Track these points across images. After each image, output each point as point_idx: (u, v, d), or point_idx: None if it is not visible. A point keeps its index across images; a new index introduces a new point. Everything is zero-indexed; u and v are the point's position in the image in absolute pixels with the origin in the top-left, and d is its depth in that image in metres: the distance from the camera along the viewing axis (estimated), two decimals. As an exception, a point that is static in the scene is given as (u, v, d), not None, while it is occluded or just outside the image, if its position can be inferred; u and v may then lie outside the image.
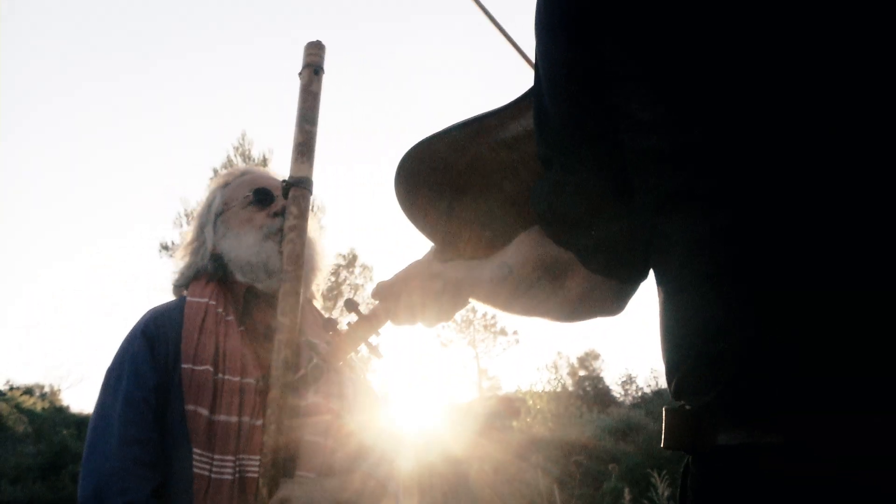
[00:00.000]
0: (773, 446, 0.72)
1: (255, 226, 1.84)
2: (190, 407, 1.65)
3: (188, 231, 1.97)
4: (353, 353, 1.49)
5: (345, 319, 1.50)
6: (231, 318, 1.79)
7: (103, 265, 47.58)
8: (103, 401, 1.71)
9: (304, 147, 1.76)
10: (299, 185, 1.75)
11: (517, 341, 34.82)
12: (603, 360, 36.50)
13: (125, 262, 47.76)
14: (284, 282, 1.70)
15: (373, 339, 1.47)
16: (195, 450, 1.62)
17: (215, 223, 1.89)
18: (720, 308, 0.77)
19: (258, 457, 1.63)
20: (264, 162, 25.10)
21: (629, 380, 27.97)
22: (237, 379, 1.70)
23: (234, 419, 1.66)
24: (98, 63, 45.51)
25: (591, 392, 25.65)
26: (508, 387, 32.72)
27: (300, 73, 1.82)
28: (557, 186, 0.94)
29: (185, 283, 1.89)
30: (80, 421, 21.55)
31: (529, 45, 1.00)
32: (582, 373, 32.36)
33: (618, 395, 26.83)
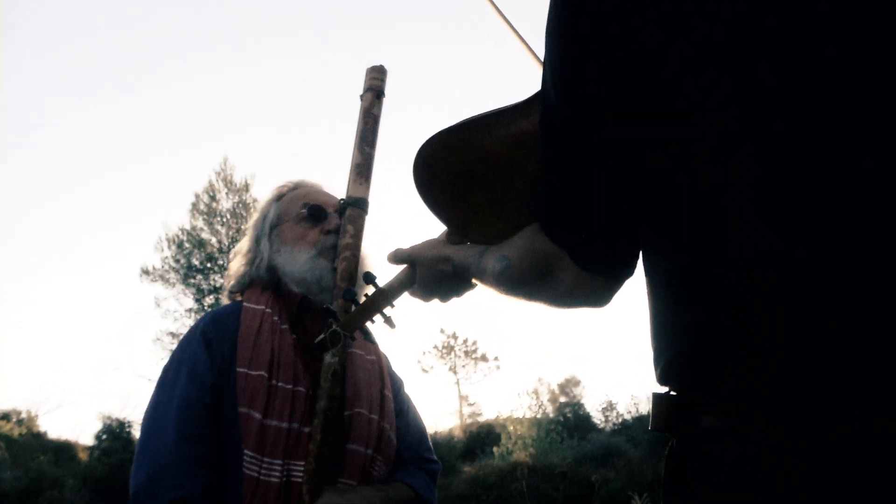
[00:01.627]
0: (749, 429, 0.80)
1: (308, 242, 1.91)
2: (243, 410, 1.71)
3: (244, 241, 2.04)
4: (369, 322, 1.57)
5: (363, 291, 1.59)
6: (286, 326, 1.85)
7: (83, 290, 47.00)
8: (159, 397, 1.77)
9: (363, 168, 1.84)
10: (356, 206, 1.83)
11: (498, 367, 34.82)
12: (584, 387, 36.62)
13: (105, 287, 47.24)
14: (337, 297, 1.77)
15: (387, 310, 1.55)
16: (246, 451, 1.68)
17: (270, 236, 1.96)
18: (698, 305, 0.86)
19: (303, 462, 1.69)
20: (246, 187, 25.09)
21: (610, 406, 28.03)
22: (290, 387, 1.76)
23: (284, 425, 1.72)
24: (77, 86, 45.34)
25: (571, 418, 25.65)
26: (489, 413, 32.67)
27: (361, 96, 1.89)
28: (554, 188, 1.03)
29: (240, 289, 1.96)
30: (57, 447, 21.25)
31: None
32: (563, 399, 32.44)
33: (598, 422, 26.85)
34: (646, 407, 23.57)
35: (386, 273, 1.82)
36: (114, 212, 44.18)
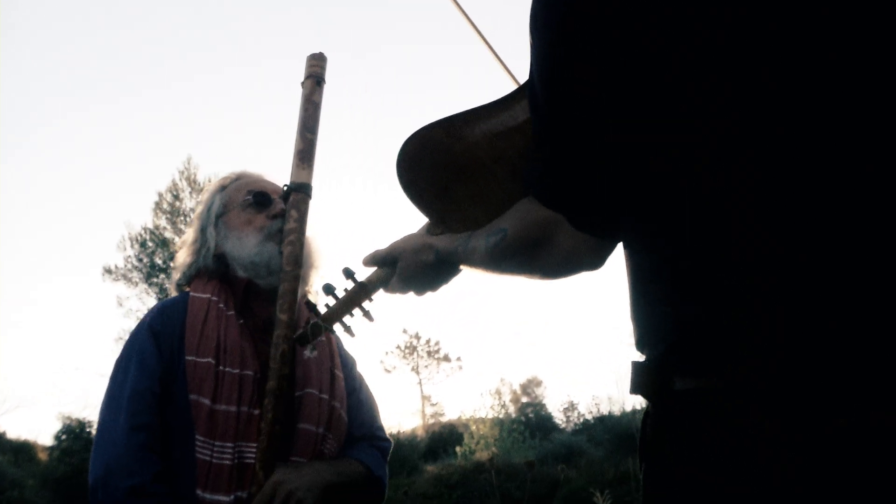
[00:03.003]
0: (716, 389, 0.86)
1: (255, 227, 1.95)
2: (193, 396, 1.75)
3: (189, 232, 2.06)
4: (348, 316, 1.65)
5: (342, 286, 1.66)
6: (232, 312, 1.89)
7: (42, 290, 46.30)
8: (111, 390, 1.81)
9: (305, 154, 1.88)
10: (299, 190, 1.87)
11: (460, 367, 34.98)
12: (545, 387, 36.84)
13: (66, 286, 46.58)
14: (283, 281, 1.81)
15: (366, 304, 1.63)
16: (198, 436, 1.72)
17: (216, 224, 2.00)
18: (668, 282, 0.93)
19: (255, 444, 1.73)
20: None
21: (571, 406, 28.24)
22: (237, 371, 1.80)
23: (233, 409, 1.76)
24: (39, 91, 44.66)
25: (533, 418, 25.82)
26: (452, 413, 32.75)
27: (302, 83, 1.94)
28: (548, 162, 1.09)
29: (187, 280, 1.99)
30: (16, 448, 20.86)
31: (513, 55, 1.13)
32: (524, 399, 32.59)
33: (560, 422, 27.05)
34: (606, 407, 23.83)
35: (332, 256, 1.88)
36: (74, 212, 43.63)
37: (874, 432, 0.77)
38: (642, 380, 0.98)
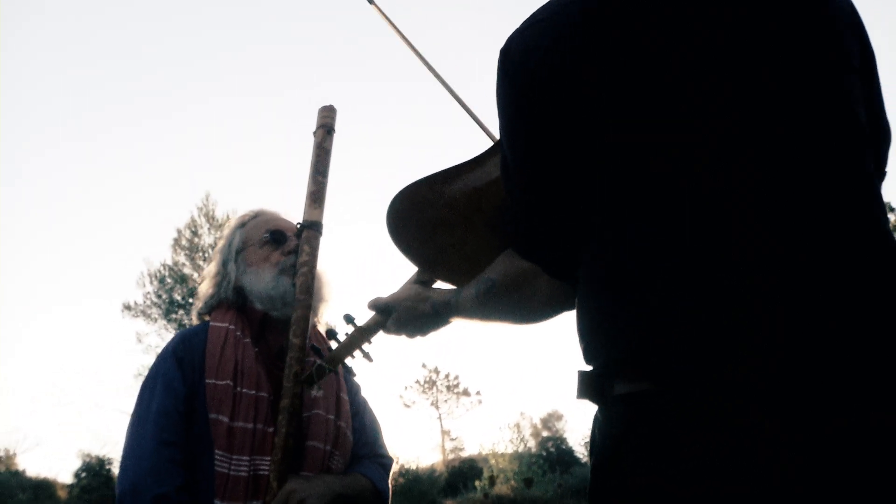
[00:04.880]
0: (650, 391, 0.92)
1: (271, 263, 2.14)
2: (213, 415, 1.92)
3: (211, 265, 2.25)
4: (350, 357, 1.84)
5: (343, 330, 1.86)
6: (248, 340, 2.07)
7: (63, 327, 46.79)
8: (138, 411, 1.98)
9: (317, 195, 2.09)
10: (311, 228, 2.07)
11: (480, 402, 34.83)
12: (566, 421, 36.64)
13: (85, 323, 47.04)
14: (296, 308, 2.00)
15: (366, 346, 1.82)
16: (217, 451, 1.89)
17: (236, 260, 2.19)
18: (605, 300, 1.01)
19: (269, 457, 1.91)
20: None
21: (592, 440, 27.88)
22: (253, 392, 1.98)
23: (249, 426, 1.93)
24: (62, 128, 45.55)
25: (554, 452, 25.66)
26: (471, 448, 32.61)
27: (314, 132, 2.14)
28: (518, 217, 1.21)
29: (208, 310, 2.18)
30: (36, 485, 21.00)
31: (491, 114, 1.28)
32: (545, 433, 32.42)
33: (581, 456, 26.82)
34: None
35: (341, 290, 2.09)
36: (95, 249, 44.27)
37: (874, 432, 0.80)
38: (587, 386, 1.03)
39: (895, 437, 0.80)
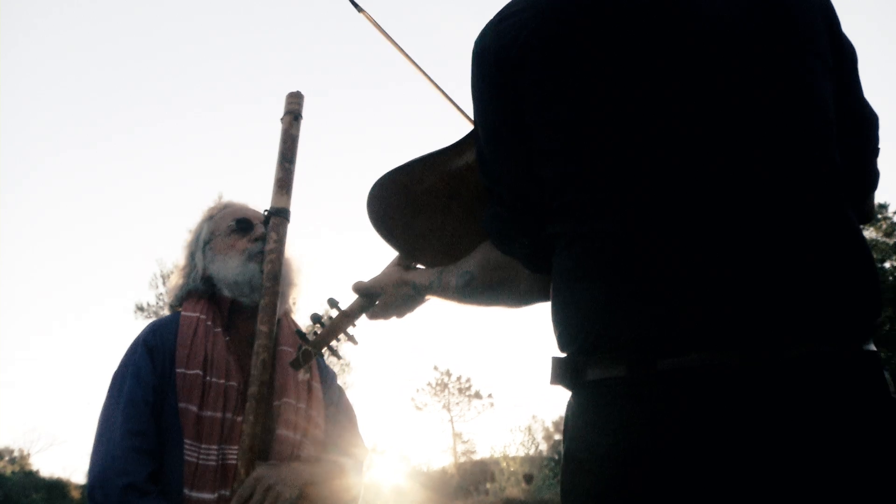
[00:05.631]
0: (622, 377, 0.98)
1: (238, 250, 2.14)
2: (182, 404, 1.92)
3: (180, 259, 2.26)
4: (334, 341, 1.82)
5: (327, 314, 1.84)
6: (219, 329, 2.07)
7: (76, 328, 47.18)
8: (108, 401, 1.98)
9: (284, 182, 2.08)
10: (278, 215, 2.06)
11: (492, 404, 34.74)
12: (578, 424, 36.29)
13: (99, 324, 47.42)
14: (263, 296, 1.99)
15: (350, 329, 1.80)
16: (186, 440, 1.89)
17: (204, 250, 2.19)
18: (574, 291, 1.07)
19: (237, 447, 1.90)
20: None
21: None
22: (222, 381, 1.97)
23: (218, 415, 1.93)
24: (74, 131, 46.00)
25: (565, 455, 25.52)
26: (483, 450, 32.57)
27: (282, 119, 2.14)
28: (495, 213, 1.25)
29: (178, 302, 2.18)
30: (50, 485, 21.18)
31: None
32: (557, 436, 32.32)
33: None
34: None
35: (310, 276, 2.08)
36: (108, 251, 44.64)
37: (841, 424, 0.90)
38: (560, 372, 1.09)
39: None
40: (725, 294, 0.94)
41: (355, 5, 2.13)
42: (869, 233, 19.31)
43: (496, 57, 1.15)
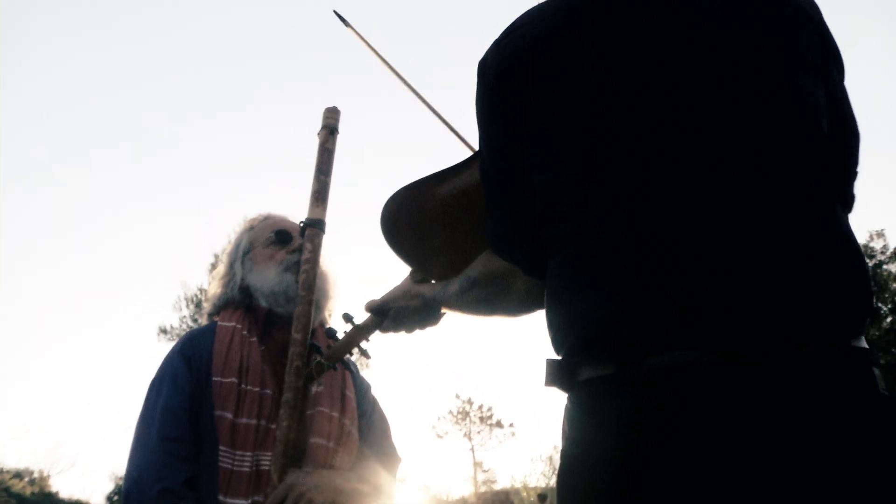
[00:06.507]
0: (613, 376, 0.99)
1: (276, 261, 2.18)
2: (218, 412, 1.95)
3: (220, 268, 2.30)
4: (348, 355, 1.88)
5: (342, 329, 1.90)
6: (254, 339, 2.10)
7: (100, 350, 47.55)
8: (146, 408, 2.02)
9: (319, 194, 2.13)
10: (314, 226, 2.11)
11: (513, 434, 34.53)
12: (599, 454, 35.89)
13: (122, 346, 47.78)
14: (298, 304, 2.03)
15: (363, 343, 1.86)
16: (221, 447, 1.92)
17: (243, 260, 2.24)
18: (570, 292, 1.08)
19: (271, 453, 1.93)
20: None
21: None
22: (257, 389, 2.00)
23: (253, 422, 1.96)
24: (99, 154, 46.75)
25: (586, 485, 25.26)
26: (504, 480, 32.30)
27: (318, 133, 2.19)
28: (496, 220, 1.28)
29: (216, 311, 2.22)
30: (69, 507, 21.32)
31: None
32: (578, 466, 31.85)
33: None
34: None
35: (344, 287, 2.13)
36: (132, 273, 45.08)
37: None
38: (555, 374, 1.09)
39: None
40: (725, 294, 0.95)
41: (342, 20, 2.19)
42: None
43: (497, 70, 1.18)
